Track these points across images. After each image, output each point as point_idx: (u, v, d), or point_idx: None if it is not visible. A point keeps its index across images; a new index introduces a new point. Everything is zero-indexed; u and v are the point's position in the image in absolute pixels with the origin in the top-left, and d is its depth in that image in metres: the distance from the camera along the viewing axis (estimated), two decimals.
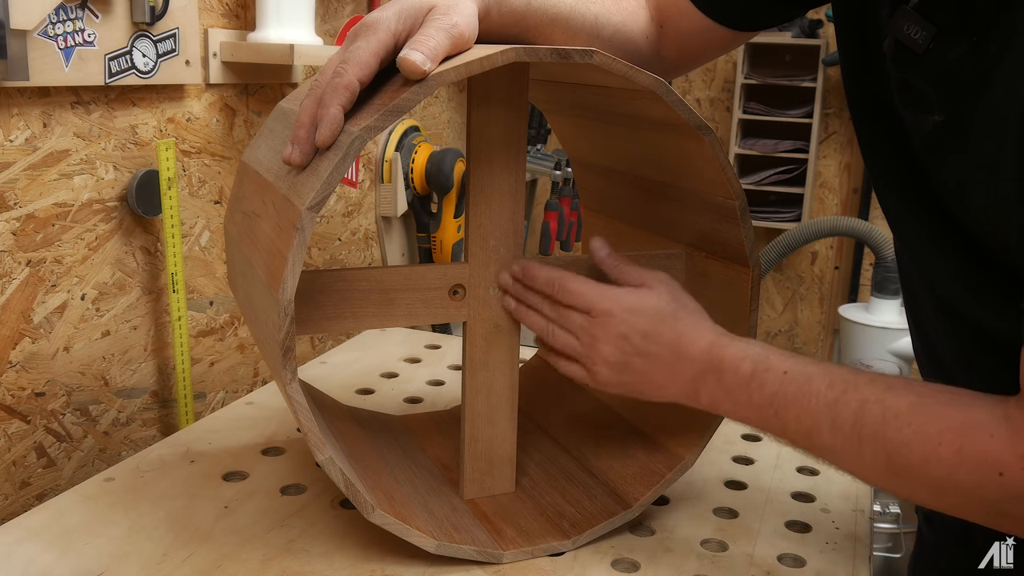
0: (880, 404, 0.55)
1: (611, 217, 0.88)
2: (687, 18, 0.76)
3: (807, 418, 0.58)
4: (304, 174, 0.60)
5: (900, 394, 0.55)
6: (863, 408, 0.55)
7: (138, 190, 1.04)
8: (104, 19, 0.96)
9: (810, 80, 2.27)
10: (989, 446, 0.51)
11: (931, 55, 0.52)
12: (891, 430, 0.54)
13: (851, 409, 0.56)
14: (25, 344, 0.96)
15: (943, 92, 0.52)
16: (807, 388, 0.58)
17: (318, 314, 0.66)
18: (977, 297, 0.58)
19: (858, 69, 0.64)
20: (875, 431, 0.55)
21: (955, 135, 0.52)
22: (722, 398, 0.63)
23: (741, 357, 0.62)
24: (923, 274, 0.64)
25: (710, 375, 0.63)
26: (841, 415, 0.56)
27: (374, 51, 0.59)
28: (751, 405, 0.61)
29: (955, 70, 0.51)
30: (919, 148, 0.56)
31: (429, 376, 1.08)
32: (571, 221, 2.03)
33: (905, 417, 0.54)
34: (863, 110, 0.65)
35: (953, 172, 0.54)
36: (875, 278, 1.95)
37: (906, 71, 0.55)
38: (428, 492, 0.75)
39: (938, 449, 0.52)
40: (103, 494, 0.76)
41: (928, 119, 0.54)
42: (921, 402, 0.54)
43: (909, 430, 0.53)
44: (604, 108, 0.78)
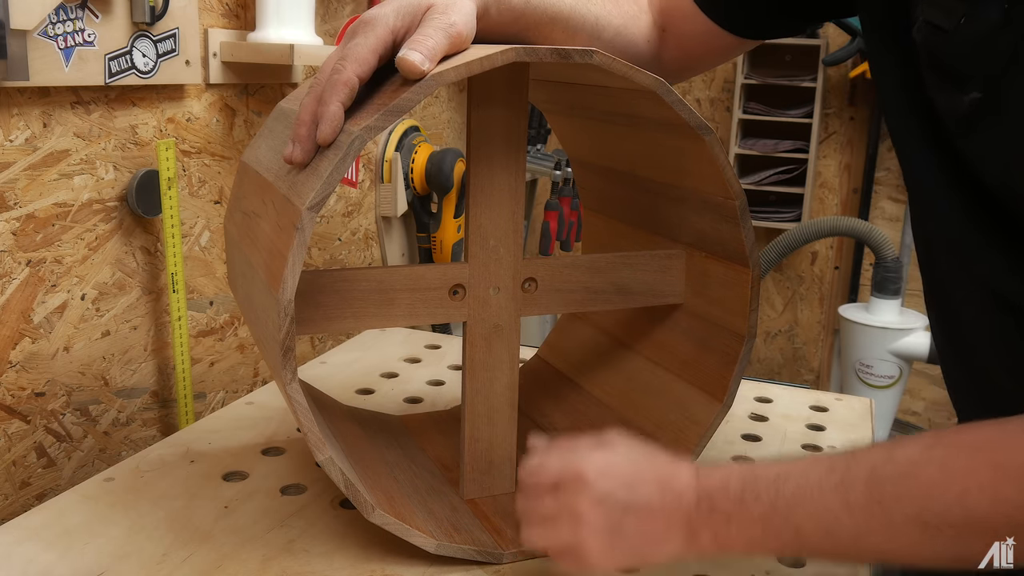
0: (891, 463, 0.50)
1: (611, 217, 0.88)
2: (690, 22, 0.75)
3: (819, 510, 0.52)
4: (304, 174, 0.60)
5: (907, 444, 0.50)
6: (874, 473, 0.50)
7: (138, 190, 1.04)
8: (104, 19, 0.96)
9: (810, 80, 2.27)
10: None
11: (962, 32, 0.51)
12: (912, 480, 0.48)
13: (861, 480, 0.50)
14: (25, 344, 0.96)
15: (977, 67, 0.51)
16: (806, 481, 0.53)
17: (318, 314, 0.66)
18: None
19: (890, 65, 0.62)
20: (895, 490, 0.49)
21: (993, 110, 0.50)
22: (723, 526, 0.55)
23: (727, 477, 0.56)
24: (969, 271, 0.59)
25: (704, 504, 0.56)
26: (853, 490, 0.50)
27: (372, 47, 0.59)
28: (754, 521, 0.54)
29: (987, 43, 0.50)
30: (955, 133, 0.54)
31: (429, 376, 1.08)
32: (571, 221, 2.03)
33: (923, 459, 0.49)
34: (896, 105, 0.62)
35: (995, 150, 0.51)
36: (875, 278, 1.95)
37: (938, 52, 0.53)
38: (428, 492, 0.75)
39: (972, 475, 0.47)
40: (103, 494, 0.76)
41: (963, 100, 0.52)
42: (936, 440, 0.49)
43: (932, 469, 0.48)
44: (604, 108, 0.78)
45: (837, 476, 0.52)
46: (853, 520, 0.51)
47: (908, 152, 0.63)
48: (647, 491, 0.57)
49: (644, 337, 0.84)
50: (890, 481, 0.50)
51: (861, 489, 0.50)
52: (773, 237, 2.06)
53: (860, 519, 0.50)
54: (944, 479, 0.48)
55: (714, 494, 0.56)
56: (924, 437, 0.50)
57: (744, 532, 0.55)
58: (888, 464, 0.50)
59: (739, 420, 0.98)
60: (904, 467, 0.49)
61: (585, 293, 0.76)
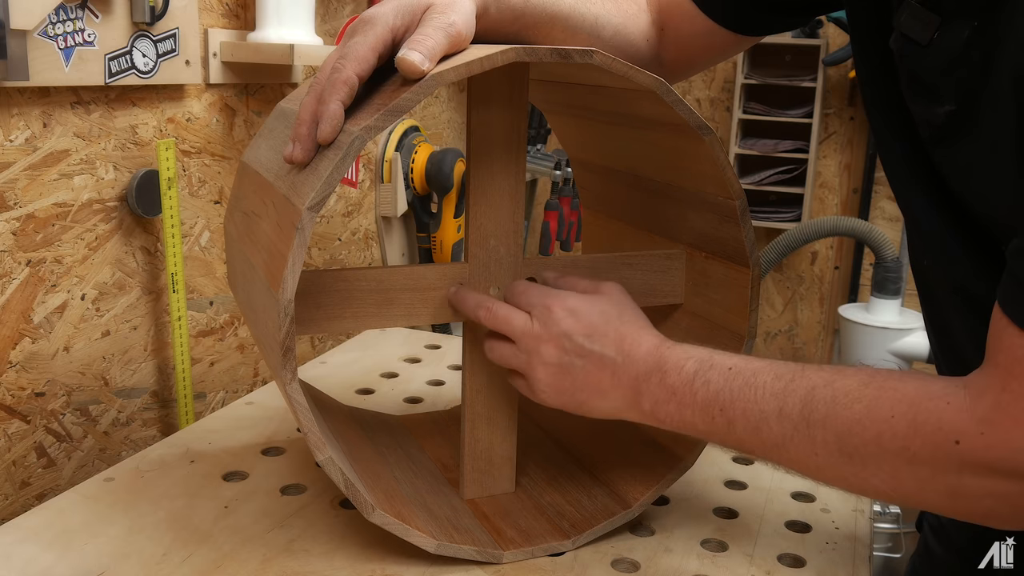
0: (829, 387, 0.54)
1: (611, 217, 0.88)
2: (689, 21, 0.76)
3: (754, 412, 0.56)
4: (304, 174, 0.60)
5: (850, 375, 0.54)
6: (812, 393, 0.54)
7: (138, 190, 1.04)
8: (104, 19, 0.96)
9: (810, 80, 2.27)
10: (944, 413, 0.49)
11: (936, 45, 0.52)
12: (841, 409, 0.53)
13: (799, 396, 0.54)
14: (25, 344, 0.96)
15: (951, 80, 0.52)
16: (753, 381, 0.57)
17: (318, 314, 0.66)
18: None
19: (874, 71, 0.64)
20: (825, 413, 0.53)
21: (965, 122, 0.52)
22: (665, 399, 0.61)
23: (685, 357, 0.61)
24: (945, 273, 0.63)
25: (654, 375, 0.61)
26: (789, 402, 0.55)
27: (372, 46, 0.59)
28: (695, 404, 0.59)
29: (961, 57, 0.51)
30: (929, 143, 0.56)
31: (429, 376, 1.08)
32: (571, 221, 2.03)
33: (855, 394, 0.52)
34: (879, 111, 0.64)
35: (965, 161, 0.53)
36: (875, 278, 1.95)
37: (914, 64, 0.54)
38: (428, 492, 0.75)
39: (891, 423, 0.51)
40: (103, 494, 0.76)
41: (938, 111, 0.53)
42: (872, 380, 0.53)
43: (860, 406, 0.52)
44: (604, 108, 0.78)
45: (781, 384, 0.56)
46: (781, 428, 0.55)
47: (889, 158, 0.64)
48: (603, 346, 0.63)
49: None
50: (823, 404, 0.54)
51: (796, 403, 0.55)
52: (773, 237, 2.05)
53: (787, 429, 0.55)
54: (867, 418, 0.52)
55: (668, 368, 0.61)
56: (864, 373, 0.54)
57: (682, 412, 0.60)
58: (826, 388, 0.54)
59: None
60: (838, 395, 0.53)
61: None
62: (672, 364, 0.61)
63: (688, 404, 0.60)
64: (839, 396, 0.53)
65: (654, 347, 0.62)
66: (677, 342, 0.63)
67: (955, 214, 0.57)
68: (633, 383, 0.62)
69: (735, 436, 0.58)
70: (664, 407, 0.61)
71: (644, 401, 0.62)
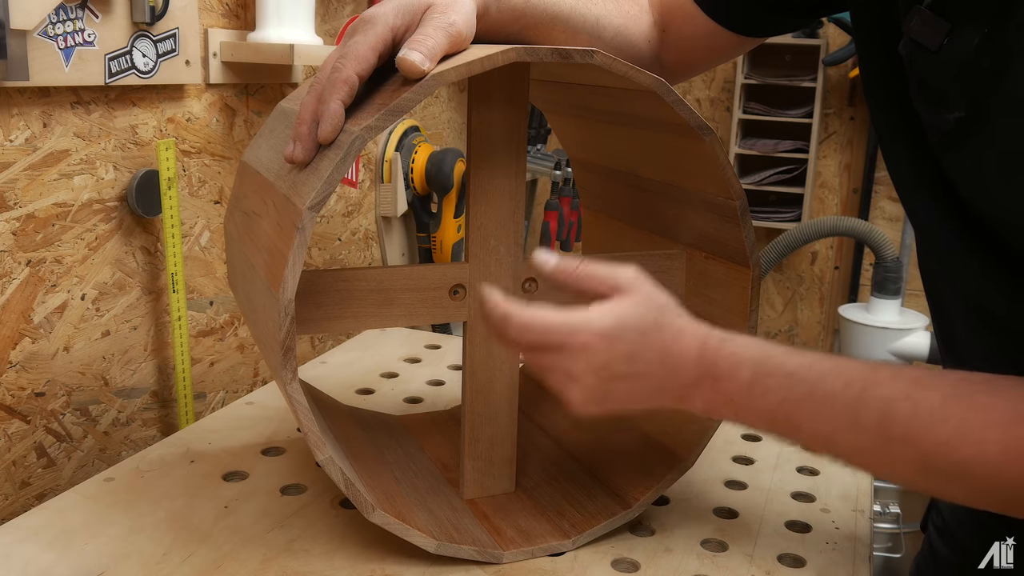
0: (909, 401, 0.50)
1: (611, 217, 0.88)
2: (691, 23, 0.75)
3: (824, 423, 0.53)
4: (304, 174, 0.60)
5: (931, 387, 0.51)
6: (890, 407, 0.51)
7: (138, 190, 1.04)
8: (104, 19, 0.96)
9: (810, 80, 2.27)
10: None
11: (946, 51, 0.51)
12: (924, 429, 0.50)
13: (875, 409, 0.51)
14: (25, 344, 0.96)
15: (961, 86, 0.51)
16: (819, 390, 0.53)
17: (318, 314, 0.66)
18: (1006, 296, 0.56)
19: (879, 75, 0.63)
20: (906, 432, 0.50)
21: (975, 129, 0.51)
22: (721, 404, 0.57)
23: (738, 363, 0.56)
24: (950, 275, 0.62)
25: (705, 382, 0.57)
26: (864, 415, 0.51)
27: (372, 45, 0.59)
28: (753, 411, 0.55)
29: (971, 63, 0.50)
30: (938, 149, 0.55)
31: (429, 376, 1.08)
32: (571, 221, 2.03)
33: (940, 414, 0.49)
34: (885, 114, 0.63)
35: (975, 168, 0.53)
36: (875, 278, 1.95)
37: (923, 71, 0.54)
38: (428, 492, 0.75)
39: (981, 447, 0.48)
40: (103, 494, 0.76)
41: (947, 117, 0.52)
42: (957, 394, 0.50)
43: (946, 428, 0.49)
44: (604, 108, 0.78)
45: (853, 393, 0.52)
46: (856, 439, 0.52)
47: (894, 161, 0.64)
48: (646, 364, 0.57)
49: None
50: (903, 420, 0.50)
51: (873, 417, 0.51)
52: (773, 237, 2.05)
53: (863, 441, 0.52)
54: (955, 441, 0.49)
55: (720, 375, 0.56)
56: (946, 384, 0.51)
57: (740, 416, 0.57)
58: (906, 403, 0.51)
59: None
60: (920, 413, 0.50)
61: None
62: (724, 371, 0.56)
63: (746, 410, 0.56)
64: (922, 414, 0.50)
65: (699, 352, 0.57)
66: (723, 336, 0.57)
67: (963, 219, 0.57)
68: (680, 391, 0.58)
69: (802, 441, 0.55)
70: (720, 410, 0.57)
71: (695, 402, 0.58)
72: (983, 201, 0.54)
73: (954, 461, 0.49)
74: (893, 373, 0.52)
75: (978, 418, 0.49)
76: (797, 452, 0.91)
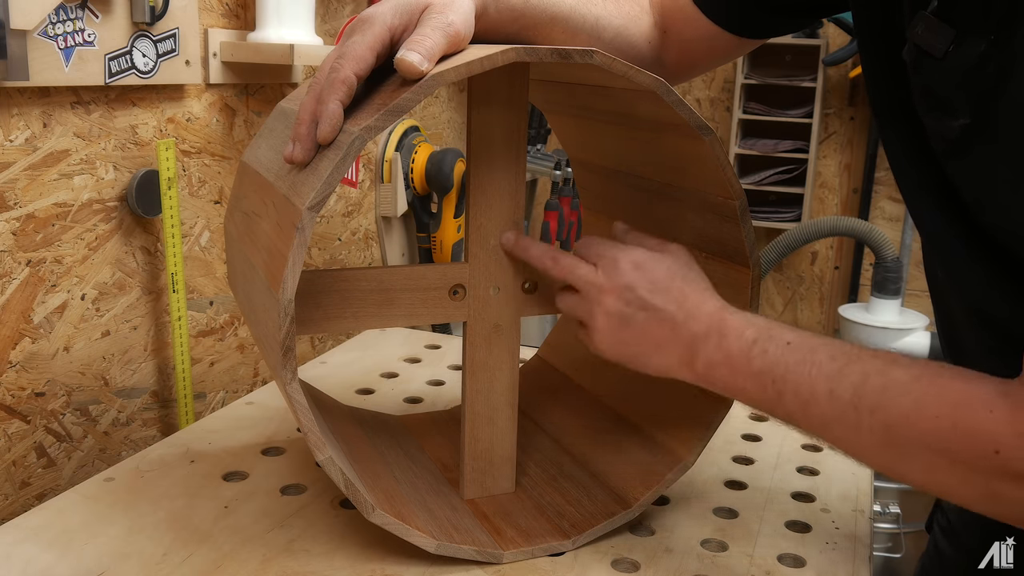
0: (882, 376, 0.54)
1: (611, 217, 0.88)
2: (692, 24, 0.75)
3: (805, 388, 0.57)
4: (304, 174, 0.60)
5: (903, 367, 0.54)
6: (865, 380, 0.54)
7: (138, 190, 1.04)
8: (104, 19, 0.96)
9: (810, 80, 2.27)
10: (985, 423, 0.50)
11: (951, 58, 0.51)
12: (890, 400, 0.53)
13: (851, 380, 0.55)
14: (25, 344, 0.96)
15: (966, 94, 0.51)
16: (809, 358, 0.57)
17: (318, 314, 0.66)
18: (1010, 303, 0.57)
19: (882, 79, 0.63)
20: (875, 402, 0.54)
21: (981, 136, 0.51)
22: (719, 363, 0.61)
23: (746, 324, 0.61)
24: (955, 282, 0.63)
25: (713, 336, 0.62)
26: (841, 385, 0.55)
27: (370, 45, 0.59)
28: (749, 373, 0.60)
29: (977, 70, 0.50)
30: (943, 156, 0.55)
31: (429, 376, 1.08)
32: (571, 221, 2.03)
33: (904, 387, 0.53)
34: (889, 120, 0.63)
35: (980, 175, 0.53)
36: (875, 278, 1.95)
37: (927, 77, 0.54)
38: (428, 492, 0.75)
39: (935, 422, 0.51)
40: (103, 494, 0.76)
41: (952, 125, 0.53)
42: (923, 374, 0.53)
43: (907, 400, 0.52)
44: (604, 108, 0.78)
45: (836, 366, 0.56)
46: (831, 408, 0.56)
47: (898, 165, 0.64)
48: (666, 299, 0.64)
49: None
50: (873, 392, 0.54)
51: (848, 388, 0.55)
52: (773, 237, 2.05)
53: (835, 410, 0.55)
54: (913, 415, 0.52)
55: (727, 332, 0.61)
56: (916, 366, 0.54)
57: (735, 378, 0.61)
58: (879, 376, 0.54)
59: (739, 420, 0.98)
60: (889, 386, 0.54)
61: None
62: (732, 328, 0.61)
63: (742, 371, 0.60)
64: (890, 386, 0.53)
65: (716, 309, 0.63)
66: (739, 309, 0.63)
67: (968, 227, 0.57)
68: (691, 341, 0.63)
69: (783, 408, 0.59)
70: (718, 370, 0.62)
71: (698, 362, 0.62)
72: (988, 208, 0.54)
73: (912, 435, 0.52)
74: (875, 353, 0.56)
75: (936, 395, 0.52)
76: (797, 452, 0.91)
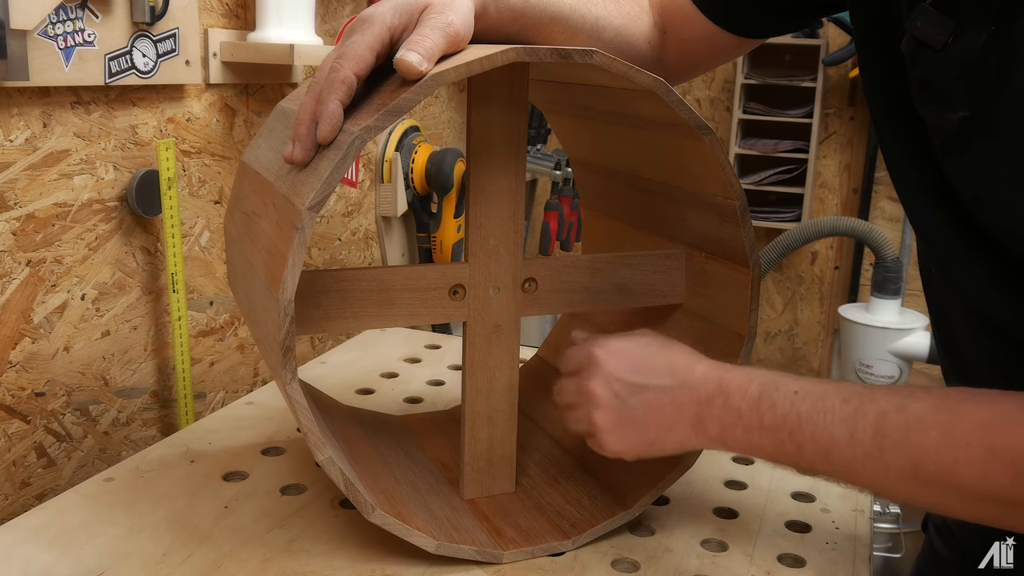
0: (901, 412, 0.53)
1: (611, 217, 0.88)
2: (691, 24, 0.75)
3: (823, 435, 0.55)
4: (304, 174, 0.60)
5: (920, 399, 0.53)
6: (883, 418, 0.53)
7: (138, 190, 1.04)
8: (104, 19, 0.96)
9: (810, 80, 2.27)
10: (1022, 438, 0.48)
11: (950, 50, 0.51)
12: (915, 436, 0.51)
13: (870, 420, 0.54)
14: (25, 344, 0.96)
15: (965, 86, 0.51)
16: (821, 405, 0.56)
17: (318, 314, 0.66)
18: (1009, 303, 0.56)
19: (879, 74, 0.63)
20: (898, 440, 0.52)
21: (980, 129, 0.51)
22: (731, 423, 0.59)
23: (748, 380, 0.59)
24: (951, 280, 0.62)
25: (717, 399, 0.60)
26: (860, 427, 0.54)
27: (369, 45, 0.59)
28: (763, 428, 0.58)
29: (976, 62, 0.50)
30: (940, 151, 0.55)
31: (429, 376, 1.08)
32: (571, 221, 2.03)
33: (929, 420, 0.51)
34: (886, 116, 0.63)
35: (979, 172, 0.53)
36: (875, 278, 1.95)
37: (926, 69, 0.53)
38: (428, 492, 0.75)
39: (968, 450, 0.50)
40: (103, 494, 0.76)
41: (951, 118, 0.52)
42: (943, 404, 0.52)
43: (934, 433, 0.51)
44: (604, 108, 0.78)
45: (850, 408, 0.55)
46: (852, 454, 0.54)
47: (895, 163, 0.63)
48: (656, 377, 0.62)
49: None
50: (895, 431, 0.53)
51: (868, 429, 0.53)
52: (773, 237, 2.05)
53: (859, 455, 0.54)
54: (942, 446, 0.51)
55: (731, 391, 0.60)
56: (934, 396, 0.53)
57: (750, 435, 0.59)
58: (898, 414, 0.53)
59: None
60: (911, 422, 0.52)
61: (585, 293, 0.76)
62: (735, 387, 0.59)
63: (755, 427, 0.58)
64: (912, 422, 0.52)
65: (710, 370, 0.61)
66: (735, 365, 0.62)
67: (965, 224, 0.57)
68: (696, 409, 0.61)
69: (806, 460, 0.57)
70: (731, 431, 0.60)
71: (710, 426, 0.61)
72: (987, 207, 0.53)
73: (943, 467, 0.51)
74: (887, 390, 0.55)
75: (964, 422, 0.51)
76: None
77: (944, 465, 0.51)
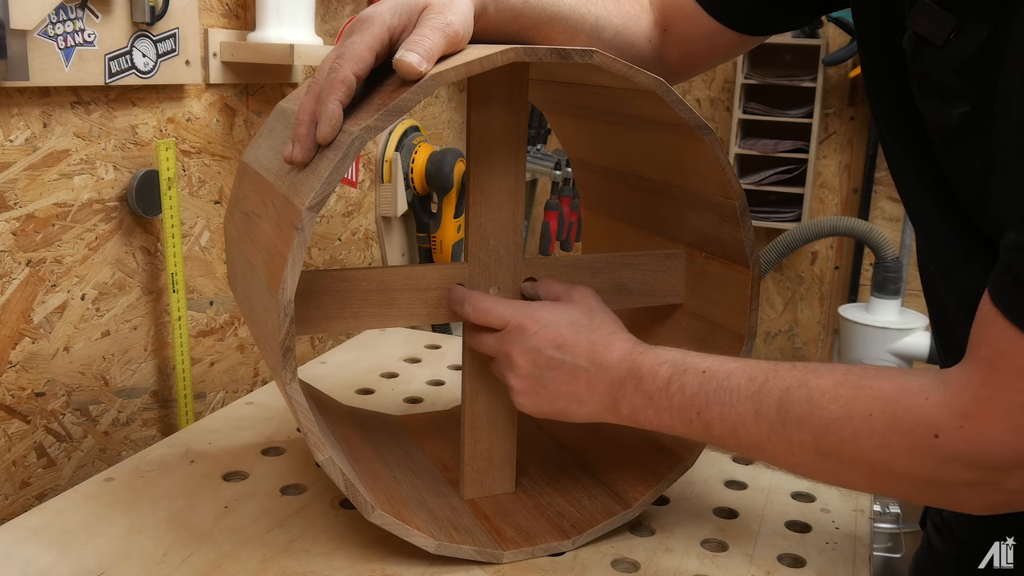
0: (804, 387, 0.54)
1: (611, 217, 0.88)
2: (693, 22, 0.75)
3: (730, 414, 0.57)
4: (304, 174, 0.60)
5: (824, 375, 0.54)
6: (787, 394, 0.55)
7: (138, 190, 1.04)
8: (104, 19, 0.96)
9: (810, 80, 2.27)
10: (923, 409, 0.50)
11: (951, 46, 0.51)
12: (817, 410, 0.53)
13: (774, 397, 0.55)
14: (25, 344, 0.96)
15: (966, 81, 0.51)
16: (728, 384, 0.58)
17: (318, 314, 0.66)
18: None
19: (880, 70, 0.63)
20: (801, 414, 0.54)
21: (978, 125, 0.51)
22: (642, 405, 0.62)
23: (659, 362, 0.61)
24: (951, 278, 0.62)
25: (629, 383, 0.62)
26: (764, 404, 0.55)
27: (369, 45, 0.59)
28: (672, 409, 0.60)
29: (976, 57, 0.50)
30: (940, 147, 0.55)
31: (429, 376, 1.08)
32: (571, 221, 2.03)
33: (831, 393, 0.53)
34: (887, 113, 0.63)
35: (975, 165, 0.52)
36: (875, 278, 1.95)
37: (927, 65, 0.53)
38: (428, 492, 0.75)
39: (869, 421, 0.51)
40: (103, 494, 0.76)
41: (951, 113, 0.52)
42: (846, 379, 0.53)
43: (836, 406, 0.52)
44: (604, 108, 0.78)
45: (755, 386, 0.56)
46: (758, 429, 0.56)
47: (895, 160, 0.64)
48: (574, 356, 0.64)
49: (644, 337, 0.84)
50: (798, 405, 0.54)
51: (772, 405, 0.55)
52: (773, 237, 2.06)
53: (764, 430, 0.56)
54: (843, 418, 0.52)
55: (642, 374, 0.61)
56: (838, 371, 0.54)
57: (660, 416, 0.61)
58: (801, 389, 0.55)
59: None
60: (814, 396, 0.54)
61: None
62: (646, 370, 0.61)
63: (665, 409, 0.61)
64: (815, 396, 0.54)
65: (626, 353, 0.63)
66: (651, 345, 0.64)
67: (962, 220, 0.57)
68: (609, 390, 0.63)
69: (714, 437, 0.59)
70: (642, 412, 0.62)
71: (622, 407, 0.63)
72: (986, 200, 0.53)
73: (844, 438, 0.52)
74: (792, 366, 0.56)
75: (865, 396, 0.52)
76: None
77: (845, 437, 0.52)
